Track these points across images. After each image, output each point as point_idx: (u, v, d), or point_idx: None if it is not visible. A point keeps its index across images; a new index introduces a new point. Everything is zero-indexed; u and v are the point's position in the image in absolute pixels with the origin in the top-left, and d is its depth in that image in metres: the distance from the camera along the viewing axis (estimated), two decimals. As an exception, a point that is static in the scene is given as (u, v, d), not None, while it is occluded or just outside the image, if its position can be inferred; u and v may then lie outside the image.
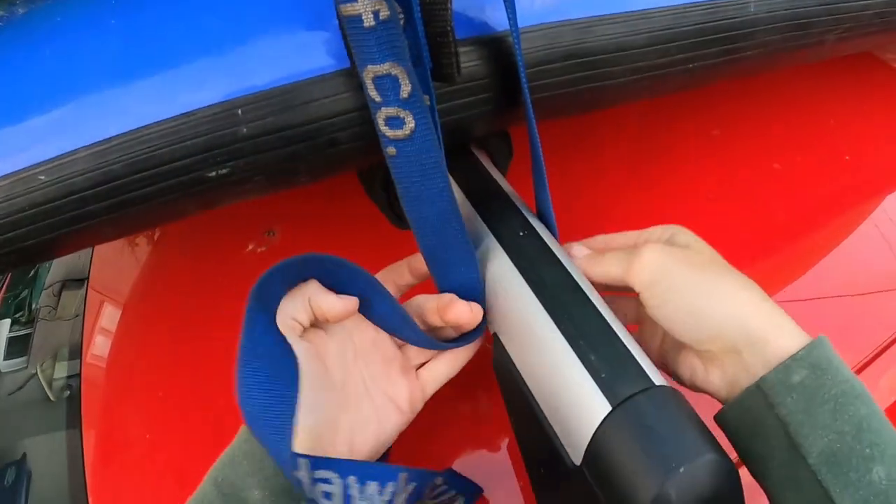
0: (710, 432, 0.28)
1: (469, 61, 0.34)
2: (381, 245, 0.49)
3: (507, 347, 0.34)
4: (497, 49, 0.35)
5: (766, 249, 0.56)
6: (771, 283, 0.54)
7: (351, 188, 0.52)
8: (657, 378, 0.29)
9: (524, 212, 0.38)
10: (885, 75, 0.78)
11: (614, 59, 0.37)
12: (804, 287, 0.54)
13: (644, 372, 0.29)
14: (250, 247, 0.63)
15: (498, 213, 0.38)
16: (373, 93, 0.29)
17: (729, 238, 0.56)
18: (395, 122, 0.29)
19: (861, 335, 0.51)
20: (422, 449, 0.43)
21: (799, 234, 0.58)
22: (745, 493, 0.29)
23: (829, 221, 0.60)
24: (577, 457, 0.29)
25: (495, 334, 0.35)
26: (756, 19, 0.44)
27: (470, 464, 0.42)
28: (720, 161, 0.61)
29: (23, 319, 0.75)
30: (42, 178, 0.32)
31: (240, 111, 0.32)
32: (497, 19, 0.35)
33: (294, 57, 0.33)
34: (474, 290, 0.35)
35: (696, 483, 0.26)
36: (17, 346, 0.70)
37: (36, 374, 0.65)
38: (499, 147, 0.44)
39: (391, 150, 0.30)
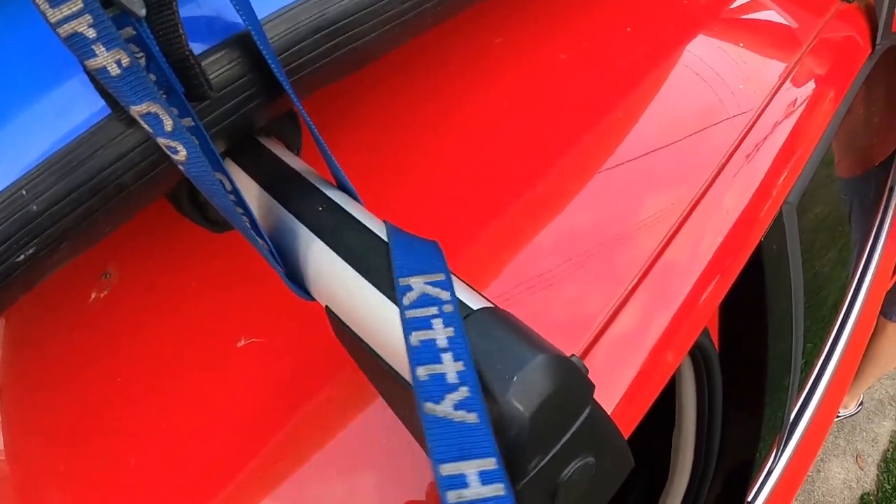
0: (534, 335, 0.31)
1: (221, 68, 0.35)
2: (214, 251, 0.50)
3: (338, 314, 0.36)
4: (245, 47, 0.35)
5: (568, 137, 0.59)
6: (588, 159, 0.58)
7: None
8: (475, 302, 0.32)
9: (321, 186, 0.39)
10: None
11: (361, 18, 0.38)
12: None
13: (459, 300, 0.31)
14: (93, 295, 0.61)
15: (295, 195, 0.39)
16: (146, 127, 0.31)
17: (532, 134, 0.60)
18: (171, 149, 0.32)
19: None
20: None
21: (601, 110, 0.62)
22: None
23: (626, 94, 0.65)
24: None
25: (327, 307, 0.37)
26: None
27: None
28: (511, 66, 0.63)
29: None
30: None
31: (24, 191, 0.32)
32: (238, 19, 0.35)
33: (57, 121, 0.33)
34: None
35: (535, 385, 0.29)
36: None
37: None
38: (286, 129, 0.45)
39: (181, 168, 0.32)
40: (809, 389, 1.10)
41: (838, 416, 2.14)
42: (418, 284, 0.31)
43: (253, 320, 0.51)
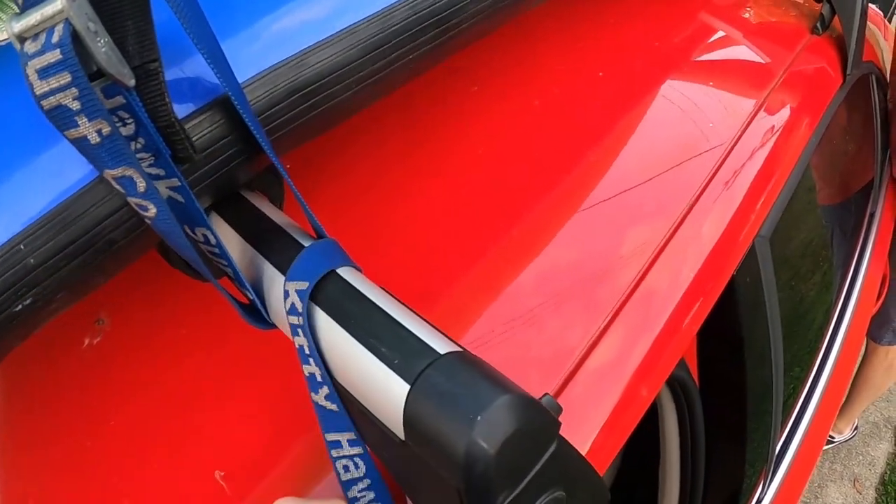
0: (500, 377, 0.33)
1: (204, 130, 0.37)
2: (202, 298, 0.52)
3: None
4: (226, 110, 0.37)
5: (545, 180, 0.62)
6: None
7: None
8: (441, 346, 0.33)
9: (299, 237, 0.41)
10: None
11: (335, 79, 0.41)
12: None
13: (428, 346, 0.33)
14: (87, 341, 0.63)
15: (275, 246, 0.41)
16: (117, 188, 0.33)
17: (510, 178, 0.62)
18: (141, 207, 0.34)
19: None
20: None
21: (576, 152, 0.65)
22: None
23: (599, 137, 0.68)
24: (402, 434, 0.33)
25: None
26: (463, -7, 0.48)
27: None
28: (487, 112, 0.66)
29: None
30: None
31: (21, 246, 0.34)
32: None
33: (52, 180, 0.35)
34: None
35: (499, 423, 0.31)
36: None
37: None
38: (269, 183, 0.47)
39: (150, 224, 0.35)
40: (796, 418, 1.11)
41: (833, 442, 2.14)
42: None
43: (242, 364, 0.52)
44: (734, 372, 0.74)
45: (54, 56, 0.28)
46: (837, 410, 1.33)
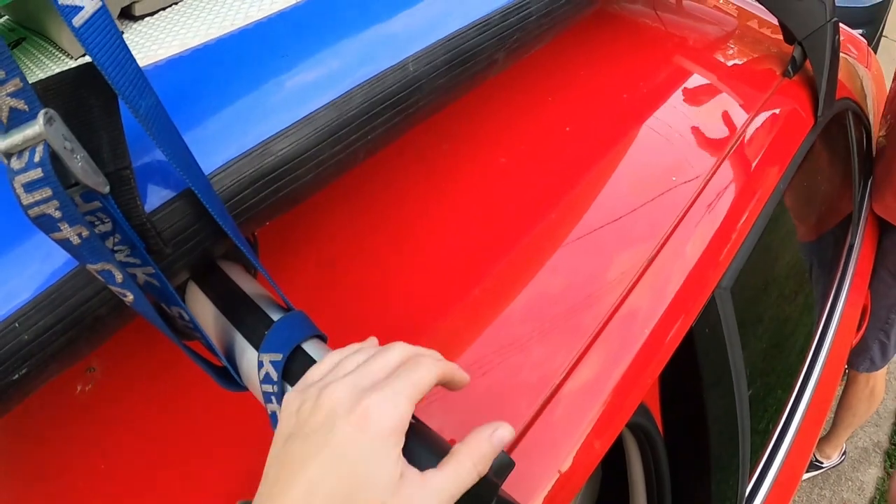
0: (441, 443, 0.36)
1: (175, 220, 0.41)
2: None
3: None
4: (192, 201, 0.41)
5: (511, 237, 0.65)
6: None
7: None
8: None
9: (268, 310, 0.44)
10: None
11: (297, 164, 0.44)
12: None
13: None
14: (79, 388, 0.66)
15: (246, 316, 0.44)
16: (100, 279, 0.37)
17: (481, 237, 0.65)
18: (121, 294, 0.38)
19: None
20: None
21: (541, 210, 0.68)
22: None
23: (563, 191, 0.71)
24: None
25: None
26: (418, 75, 0.51)
27: None
28: (457, 169, 0.70)
29: None
30: None
31: (17, 324, 0.38)
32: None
33: (42, 265, 0.39)
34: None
35: None
36: None
37: None
38: (243, 253, 0.50)
39: (130, 307, 0.39)
40: (769, 456, 1.12)
41: (822, 467, 2.16)
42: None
43: (225, 414, 0.55)
44: (696, 419, 0.77)
45: (36, 174, 0.32)
46: (813, 447, 1.35)
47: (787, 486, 1.15)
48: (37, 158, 0.32)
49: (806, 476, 2.16)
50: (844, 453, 2.21)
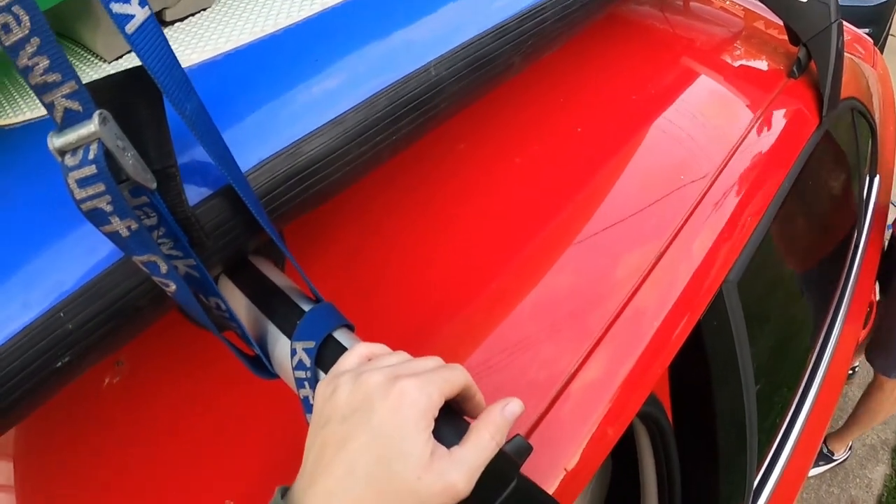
0: (463, 423, 0.38)
1: (214, 215, 0.43)
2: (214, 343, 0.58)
3: None
4: (231, 197, 0.43)
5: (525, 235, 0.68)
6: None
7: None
8: None
9: (298, 300, 0.47)
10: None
11: (326, 163, 0.47)
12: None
13: None
14: (107, 380, 0.68)
15: (278, 307, 0.47)
16: (145, 270, 0.39)
17: (494, 235, 0.68)
18: (164, 284, 0.40)
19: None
20: None
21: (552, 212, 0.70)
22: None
23: (574, 192, 0.73)
24: None
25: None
26: (440, 78, 0.54)
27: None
28: (473, 167, 0.72)
29: None
30: None
31: (62, 313, 0.41)
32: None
33: (87, 257, 0.42)
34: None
35: None
36: None
37: None
38: (273, 249, 0.53)
39: (171, 297, 0.41)
40: (776, 451, 1.14)
41: (834, 460, 2.17)
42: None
43: (252, 406, 0.58)
44: (705, 412, 0.79)
45: (91, 170, 0.34)
46: (821, 441, 1.36)
47: (794, 480, 1.16)
48: (91, 156, 0.34)
49: (816, 470, 2.17)
50: (850, 448, 2.22)
